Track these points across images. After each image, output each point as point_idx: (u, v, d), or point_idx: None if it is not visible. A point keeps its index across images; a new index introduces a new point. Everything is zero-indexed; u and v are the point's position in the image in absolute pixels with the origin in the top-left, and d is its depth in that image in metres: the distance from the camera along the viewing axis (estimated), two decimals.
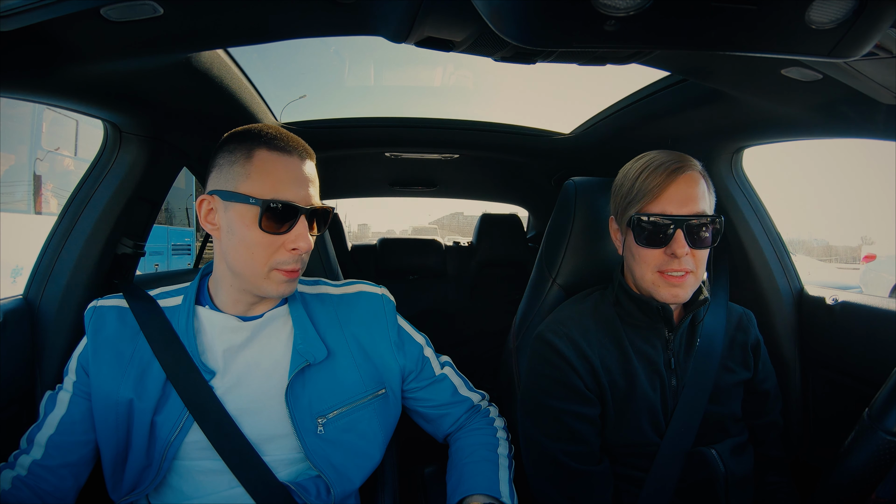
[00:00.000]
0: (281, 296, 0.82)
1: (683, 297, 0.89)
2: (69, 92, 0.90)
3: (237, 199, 0.78)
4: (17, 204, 4.74)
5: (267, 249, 0.78)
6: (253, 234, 0.77)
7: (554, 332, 0.96)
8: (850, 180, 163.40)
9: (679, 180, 0.88)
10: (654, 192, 0.88)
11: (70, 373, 0.85)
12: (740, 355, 1.00)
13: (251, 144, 0.79)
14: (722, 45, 0.55)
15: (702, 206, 0.88)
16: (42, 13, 0.64)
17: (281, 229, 0.78)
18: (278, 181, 0.78)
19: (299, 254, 0.80)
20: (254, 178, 0.78)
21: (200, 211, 0.83)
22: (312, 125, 1.73)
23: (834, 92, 0.87)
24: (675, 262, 0.87)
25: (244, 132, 0.82)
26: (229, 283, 0.84)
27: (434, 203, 65.01)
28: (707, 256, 0.91)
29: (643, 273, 0.91)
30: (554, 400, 0.93)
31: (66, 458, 0.81)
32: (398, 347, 0.95)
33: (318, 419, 0.84)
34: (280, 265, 0.79)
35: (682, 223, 0.86)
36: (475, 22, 0.70)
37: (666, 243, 0.87)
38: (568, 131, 1.82)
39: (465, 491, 0.86)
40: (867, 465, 0.71)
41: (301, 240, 0.79)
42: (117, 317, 0.86)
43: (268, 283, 0.80)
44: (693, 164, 0.91)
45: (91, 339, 0.85)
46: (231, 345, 0.84)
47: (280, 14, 0.78)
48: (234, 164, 0.79)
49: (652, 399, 0.92)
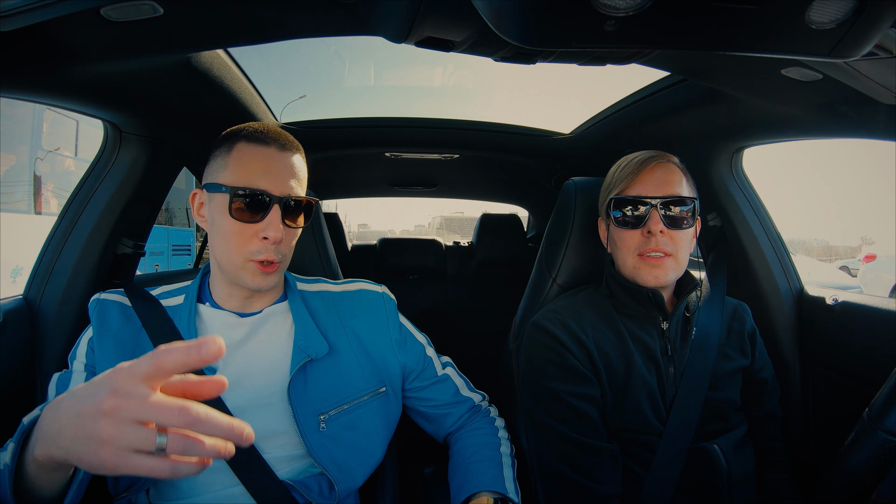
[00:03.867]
0: (258, 288, 0.82)
1: (664, 279, 0.93)
2: (69, 92, 0.90)
3: (215, 188, 0.80)
4: (18, 204, 4.74)
5: (239, 238, 0.79)
6: (226, 223, 0.79)
7: (547, 319, 0.99)
8: (851, 180, 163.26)
9: (654, 167, 0.95)
10: (629, 178, 0.95)
11: (79, 356, 0.84)
12: (737, 343, 1.02)
13: (234, 139, 0.82)
14: (722, 45, 0.55)
15: (677, 191, 0.94)
16: (42, 13, 0.64)
17: (253, 218, 0.79)
18: (251, 171, 0.79)
19: (270, 243, 0.80)
20: (230, 168, 0.80)
21: (193, 205, 0.86)
22: (312, 125, 1.73)
23: (834, 92, 0.87)
24: (651, 241, 0.92)
25: (233, 129, 0.85)
26: (219, 276, 0.86)
27: (433, 203, 64.96)
28: (689, 242, 0.96)
29: (625, 258, 0.96)
30: (554, 381, 0.94)
31: None
32: (400, 346, 0.95)
33: (320, 416, 0.84)
34: (253, 255, 0.80)
35: (656, 202, 0.92)
36: (475, 22, 0.70)
37: (642, 223, 0.93)
38: (568, 131, 1.82)
39: (471, 488, 0.86)
40: (867, 465, 0.71)
41: (270, 229, 0.79)
42: (120, 311, 0.86)
43: (245, 274, 0.81)
44: (669, 157, 0.97)
45: (96, 326, 0.84)
46: (230, 341, 0.84)
47: (280, 14, 0.78)
48: (218, 157, 0.83)
49: (651, 384, 0.93)
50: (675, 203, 0.93)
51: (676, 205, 0.93)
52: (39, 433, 0.53)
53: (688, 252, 0.96)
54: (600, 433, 0.92)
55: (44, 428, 0.52)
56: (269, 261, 0.80)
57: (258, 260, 0.80)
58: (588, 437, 0.91)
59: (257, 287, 0.82)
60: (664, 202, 0.92)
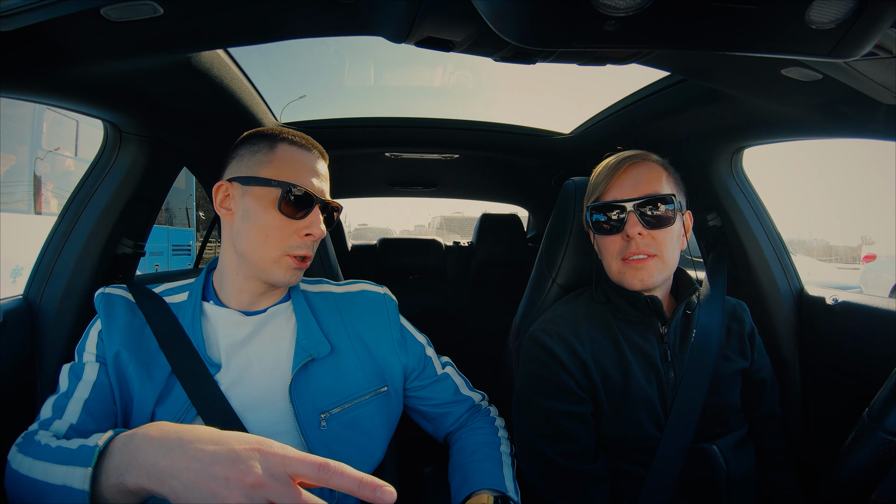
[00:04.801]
0: (287, 284, 0.85)
1: (650, 281, 0.91)
2: (69, 92, 0.90)
3: (259, 182, 0.83)
4: (18, 204, 4.74)
5: (281, 233, 0.82)
6: (270, 217, 0.82)
7: (544, 331, 0.97)
8: (850, 180, 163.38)
9: (628, 169, 0.94)
10: (605, 183, 0.95)
11: (89, 346, 0.83)
12: (737, 344, 1.02)
13: (274, 139, 0.86)
14: (722, 46, 0.55)
15: (655, 189, 0.92)
16: (42, 13, 0.64)
17: (297, 215, 0.83)
18: (299, 171, 0.84)
19: (312, 240, 0.85)
20: (276, 165, 0.84)
21: (216, 197, 0.86)
22: (312, 125, 1.73)
23: (834, 92, 0.87)
24: (632, 244, 0.91)
25: (268, 130, 0.89)
26: (235, 270, 0.86)
27: (433, 203, 64.94)
28: (674, 239, 0.93)
29: (609, 264, 0.96)
30: (544, 399, 0.93)
31: (100, 424, 0.77)
32: (401, 346, 0.96)
33: (321, 415, 0.84)
34: (292, 250, 0.83)
35: (631, 205, 0.91)
36: (475, 22, 0.70)
37: (620, 228, 0.92)
38: (568, 131, 1.82)
39: (471, 487, 0.86)
40: (867, 465, 0.71)
41: (315, 227, 0.83)
42: (126, 307, 0.86)
43: (277, 269, 0.83)
44: (647, 156, 0.96)
45: (105, 317, 0.84)
46: (234, 339, 0.84)
47: (280, 14, 0.79)
48: (257, 153, 0.85)
49: (649, 393, 0.93)
50: (652, 202, 0.91)
51: (653, 204, 0.91)
52: (136, 461, 0.53)
53: (675, 250, 0.94)
54: (585, 455, 0.92)
55: (148, 460, 0.52)
56: (306, 256, 0.85)
57: (296, 255, 0.83)
58: (572, 460, 0.91)
59: (287, 282, 0.84)
60: (639, 203, 0.90)
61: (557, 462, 0.91)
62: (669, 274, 0.95)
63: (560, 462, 0.90)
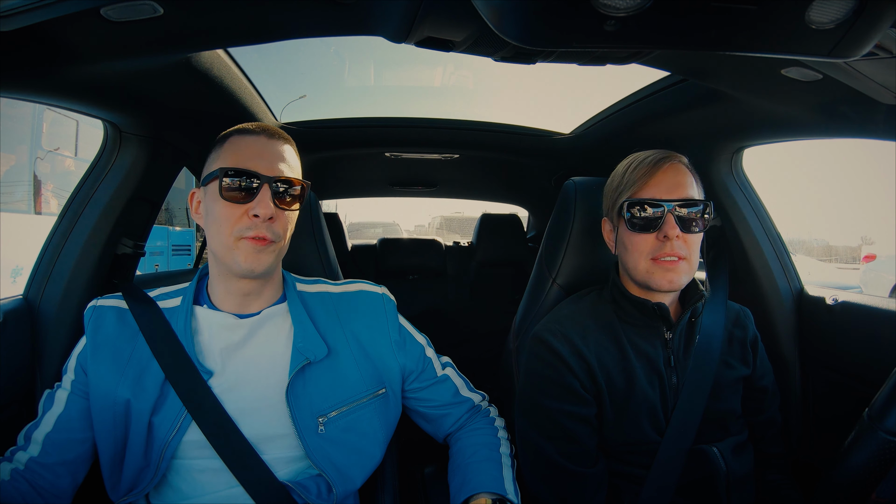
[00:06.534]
0: (251, 270, 0.80)
1: (678, 282, 0.90)
2: (69, 92, 0.90)
3: (207, 178, 0.83)
4: (17, 204, 4.74)
5: (230, 219, 0.80)
6: (218, 207, 0.80)
7: (549, 331, 0.96)
8: (850, 180, 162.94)
9: (666, 168, 0.91)
10: (642, 181, 0.91)
11: (69, 371, 0.85)
12: (739, 351, 1.01)
13: (228, 135, 0.86)
14: (722, 45, 0.55)
15: (690, 193, 0.91)
16: (42, 13, 0.64)
17: (241, 198, 0.80)
18: (240, 155, 0.82)
19: (261, 220, 0.79)
20: (223, 157, 0.83)
21: (191, 205, 0.87)
22: (312, 125, 1.73)
23: (834, 92, 0.87)
24: (667, 245, 0.89)
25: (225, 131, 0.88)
26: (217, 272, 0.86)
27: (433, 203, 64.54)
28: (699, 244, 0.93)
29: (636, 262, 0.92)
30: (549, 399, 0.93)
31: (63, 455, 0.81)
32: (399, 347, 0.95)
33: (318, 418, 0.84)
34: (243, 232, 0.79)
35: (671, 206, 0.89)
36: (475, 22, 0.70)
37: (657, 227, 0.89)
38: (568, 131, 1.82)
39: (471, 489, 0.86)
40: (867, 465, 0.71)
41: (259, 206, 0.79)
42: (117, 317, 0.86)
43: (236, 254, 0.80)
44: (679, 157, 0.94)
45: (90, 338, 0.85)
46: (228, 343, 0.84)
47: (280, 14, 0.79)
48: (213, 153, 0.86)
49: (651, 398, 0.92)
50: (689, 206, 0.89)
51: (690, 207, 0.89)
52: None
53: (698, 255, 0.93)
54: (587, 457, 0.91)
55: None
56: (259, 236, 0.80)
57: (249, 237, 0.79)
58: (574, 462, 0.90)
59: (249, 268, 0.80)
60: (679, 205, 0.89)
61: (560, 463, 0.90)
62: (691, 278, 0.94)
63: (562, 463, 0.90)
